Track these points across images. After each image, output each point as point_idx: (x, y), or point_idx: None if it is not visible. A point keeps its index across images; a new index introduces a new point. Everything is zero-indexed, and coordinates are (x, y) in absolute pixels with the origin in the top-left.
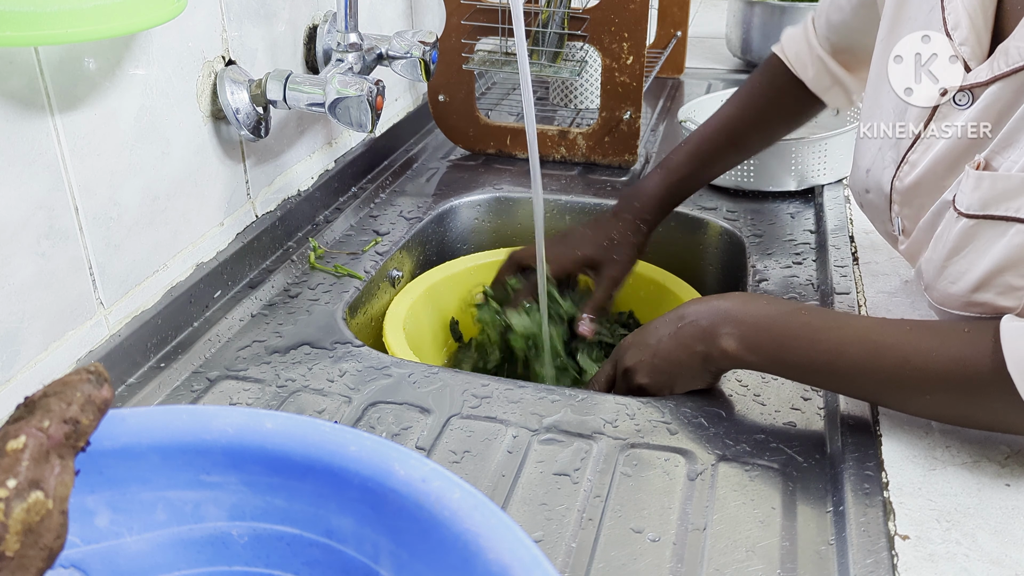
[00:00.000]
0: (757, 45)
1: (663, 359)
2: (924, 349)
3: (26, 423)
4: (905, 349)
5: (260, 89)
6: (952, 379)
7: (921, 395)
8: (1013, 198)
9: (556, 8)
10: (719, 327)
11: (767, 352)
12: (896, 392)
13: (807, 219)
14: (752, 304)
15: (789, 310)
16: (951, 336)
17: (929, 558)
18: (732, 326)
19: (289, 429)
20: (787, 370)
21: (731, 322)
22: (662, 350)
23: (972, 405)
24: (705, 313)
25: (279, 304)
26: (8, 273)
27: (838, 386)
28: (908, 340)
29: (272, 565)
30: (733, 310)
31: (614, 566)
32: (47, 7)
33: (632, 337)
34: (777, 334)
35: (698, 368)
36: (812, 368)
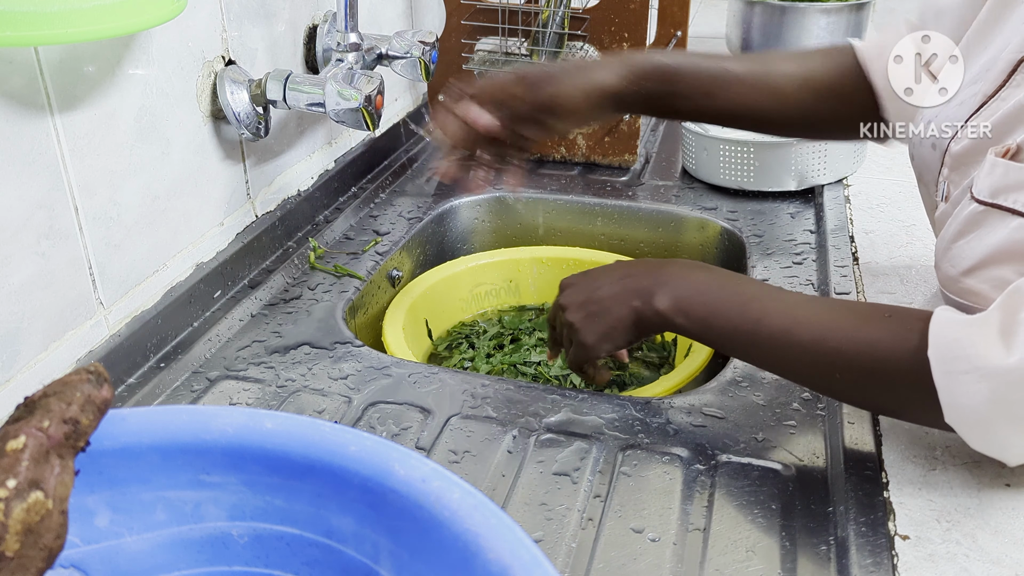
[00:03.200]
0: (757, 45)
1: (598, 305)
2: (842, 328)
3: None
4: (824, 325)
5: (260, 89)
6: (864, 361)
7: (832, 375)
8: (1021, 190)
9: (556, 8)
10: (657, 287)
11: (696, 316)
12: (809, 369)
13: (807, 219)
14: (695, 271)
15: (727, 280)
16: (872, 319)
17: (929, 558)
18: (669, 288)
19: (289, 429)
20: (714, 338)
21: (670, 284)
22: (599, 297)
23: (883, 391)
24: (647, 272)
25: (279, 304)
26: (8, 273)
27: (758, 358)
28: (829, 318)
29: (272, 565)
30: (675, 274)
31: (614, 566)
32: (47, 7)
33: (577, 277)
34: (709, 300)
35: (628, 323)
36: (735, 337)
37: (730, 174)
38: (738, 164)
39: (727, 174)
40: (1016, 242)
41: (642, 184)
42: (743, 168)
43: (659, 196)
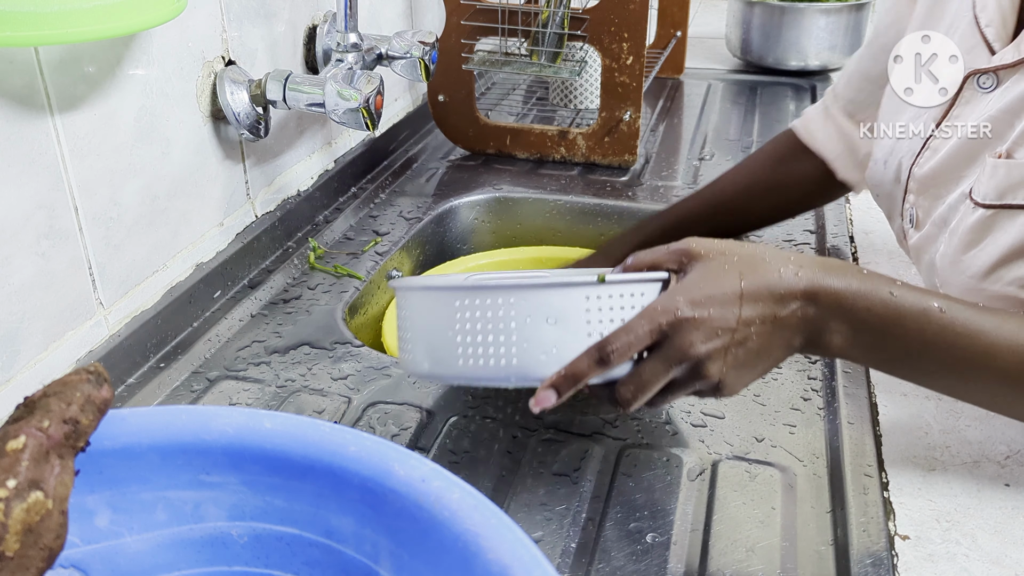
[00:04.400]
0: (757, 45)
1: (752, 352)
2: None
3: (26, 423)
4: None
5: (260, 89)
6: None
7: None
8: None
9: (556, 8)
10: (829, 320)
11: (887, 356)
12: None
13: (807, 219)
14: (871, 290)
15: (923, 308)
16: None
17: (929, 558)
18: (844, 320)
19: (289, 429)
20: (906, 376)
21: (845, 315)
22: (753, 340)
23: None
24: (812, 295)
25: (279, 304)
26: (8, 273)
27: (977, 400)
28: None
29: (272, 565)
30: (849, 298)
31: (614, 566)
32: (47, 7)
33: (698, 307)
34: (905, 339)
35: (780, 361)
36: (941, 377)
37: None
38: None
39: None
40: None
41: (642, 184)
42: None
43: (659, 196)
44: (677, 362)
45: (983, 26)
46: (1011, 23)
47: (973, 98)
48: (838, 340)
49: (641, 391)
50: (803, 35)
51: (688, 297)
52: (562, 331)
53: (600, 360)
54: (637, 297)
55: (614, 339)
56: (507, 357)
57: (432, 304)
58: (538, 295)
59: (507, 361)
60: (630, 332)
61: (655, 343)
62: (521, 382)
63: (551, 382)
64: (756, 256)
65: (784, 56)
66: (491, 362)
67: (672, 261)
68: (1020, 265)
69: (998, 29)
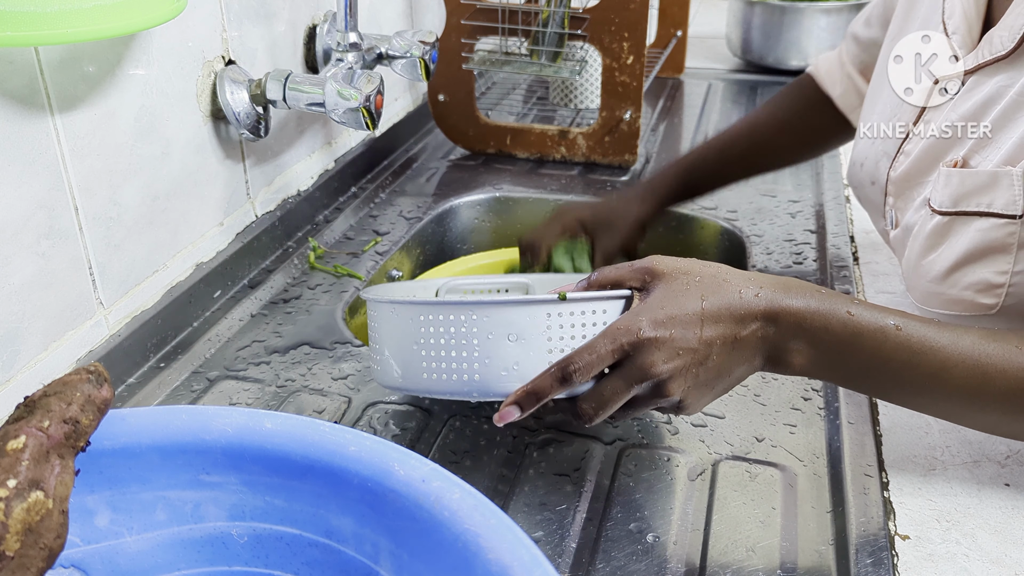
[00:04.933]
0: (757, 45)
1: (712, 372)
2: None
3: (26, 423)
4: (1017, 374)
5: (260, 89)
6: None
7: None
8: (983, 193)
9: (556, 8)
10: (789, 339)
11: (846, 374)
12: (1011, 419)
13: (807, 219)
14: (829, 310)
15: (879, 327)
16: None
17: (929, 558)
18: (805, 340)
19: (289, 429)
20: (869, 390)
21: (805, 334)
22: (713, 359)
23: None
24: (772, 315)
25: (279, 304)
26: (8, 273)
27: (938, 412)
28: (1020, 362)
29: (272, 565)
30: (808, 318)
31: (614, 566)
32: (47, 7)
33: (659, 327)
34: (863, 356)
35: (742, 379)
36: (901, 393)
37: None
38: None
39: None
40: (987, 241)
41: None
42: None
43: None
44: (638, 381)
45: (950, 32)
46: (976, 30)
47: (939, 104)
48: (798, 359)
49: (602, 408)
50: (803, 35)
51: (650, 317)
52: (524, 348)
53: (563, 379)
54: (599, 314)
55: (577, 358)
56: (470, 373)
57: (399, 319)
58: (499, 312)
59: (470, 376)
60: (592, 351)
61: (617, 362)
62: (484, 397)
63: (514, 399)
64: (718, 277)
65: (784, 56)
66: (454, 377)
67: (635, 279)
68: (975, 269)
69: (963, 36)
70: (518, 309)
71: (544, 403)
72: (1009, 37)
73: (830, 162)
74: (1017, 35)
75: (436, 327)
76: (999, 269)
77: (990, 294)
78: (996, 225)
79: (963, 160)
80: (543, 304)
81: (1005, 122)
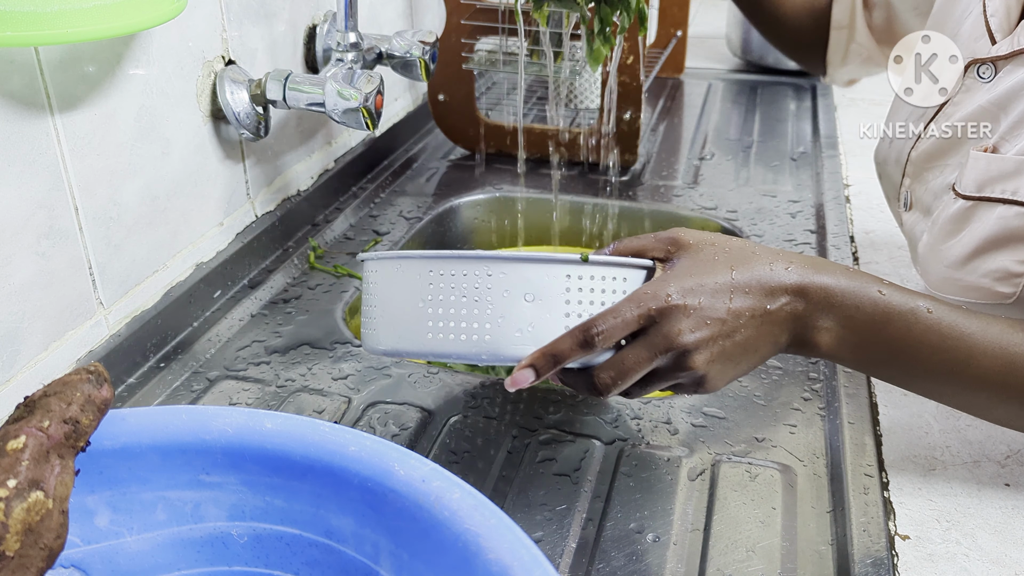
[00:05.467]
0: (757, 45)
1: (739, 346)
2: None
3: (26, 423)
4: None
5: (260, 89)
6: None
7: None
8: (1009, 180)
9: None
10: (818, 316)
11: (873, 356)
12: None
13: (807, 219)
14: (860, 288)
15: (910, 308)
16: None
17: (929, 558)
18: (835, 318)
19: (289, 429)
20: (888, 376)
21: (835, 312)
22: (741, 333)
23: None
24: (802, 290)
25: (279, 304)
26: (8, 273)
27: (959, 403)
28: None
29: (272, 565)
30: (839, 295)
31: (614, 566)
32: (47, 7)
33: (688, 295)
34: (891, 338)
35: (767, 358)
36: (925, 381)
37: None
38: None
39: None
40: (1009, 229)
41: (642, 184)
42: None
43: (659, 196)
44: (663, 350)
45: (989, 15)
46: (1015, 14)
47: (972, 87)
48: (826, 338)
49: (622, 378)
50: None
51: (679, 285)
52: (540, 309)
53: (584, 342)
54: (619, 282)
55: (600, 321)
56: (480, 333)
57: (404, 274)
58: (518, 269)
59: (479, 337)
60: (617, 315)
61: (641, 329)
62: (493, 360)
63: (530, 361)
64: (746, 249)
65: (784, 56)
66: (463, 337)
67: (659, 250)
68: (995, 257)
69: (1001, 20)
70: (538, 267)
71: (559, 368)
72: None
73: (830, 162)
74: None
75: (447, 282)
76: (1020, 258)
77: (1008, 283)
78: (1019, 214)
79: (993, 147)
80: (564, 264)
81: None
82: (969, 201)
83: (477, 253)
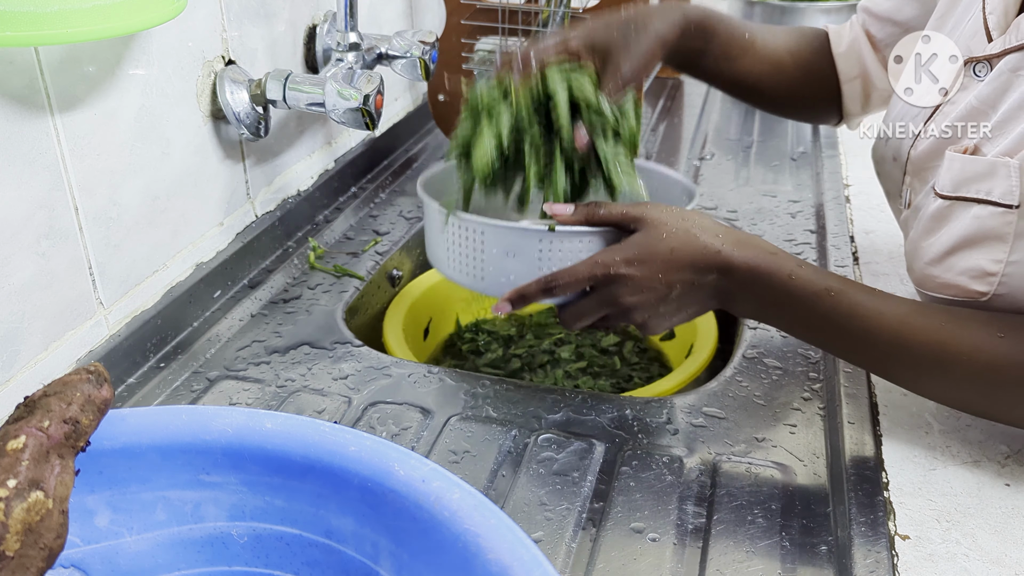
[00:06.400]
0: None
1: (671, 307)
2: (959, 342)
3: (26, 423)
4: (938, 336)
5: (260, 89)
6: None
7: (947, 383)
8: (983, 180)
9: (556, 8)
10: (737, 292)
11: (787, 325)
12: (925, 379)
13: (807, 219)
14: (774, 270)
15: (814, 291)
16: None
17: (929, 558)
18: (750, 294)
19: (289, 429)
20: (804, 337)
21: (751, 288)
22: (672, 298)
23: (993, 399)
24: (727, 269)
25: (279, 304)
26: (8, 273)
27: (864, 364)
28: (943, 330)
29: (272, 565)
30: (753, 274)
31: (614, 566)
32: (47, 7)
33: (630, 266)
34: (799, 314)
35: (699, 313)
36: (836, 350)
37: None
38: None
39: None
40: (984, 228)
41: None
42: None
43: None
44: (608, 305)
45: (987, 13)
46: (1012, 12)
47: (969, 85)
48: (744, 308)
49: (577, 320)
50: None
51: (624, 256)
52: (519, 263)
53: (546, 290)
54: (584, 243)
55: (560, 276)
56: (480, 274)
57: (433, 217)
58: (503, 233)
59: (477, 276)
60: (572, 275)
61: (593, 287)
62: (487, 292)
63: (507, 296)
64: (691, 231)
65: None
66: (467, 272)
67: (623, 221)
68: (970, 255)
69: (999, 18)
70: (517, 233)
71: (528, 304)
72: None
73: (830, 162)
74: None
75: (458, 235)
76: (994, 257)
77: (983, 281)
78: (994, 213)
79: (975, 147)
80: (536, 233)
81: (1018, 111)
82: (947, 200)
83: (479, 219)
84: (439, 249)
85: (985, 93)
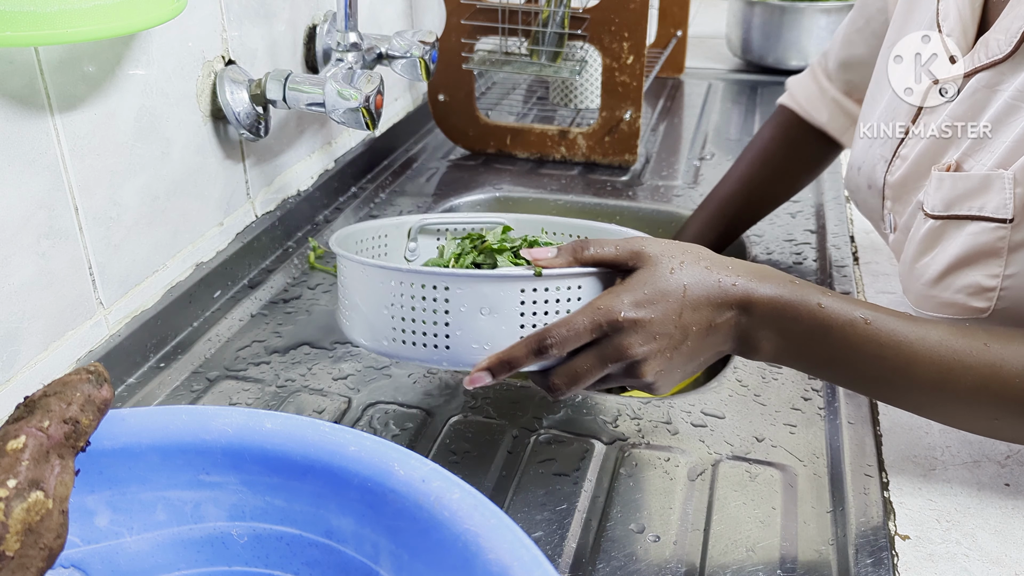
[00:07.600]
0: (757, 45)
1: (685, 355)
2: (1004, 371)
3: (26, 423)
4: (983, 371)
5: (260, 89)
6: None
7: (998, 418)
8: (975, 197)
9: (556, 7)
10: (759, 328)
11: (812, 363)
12: (974, 415)
13: (807, 219)
14: (800, 301)
15: (849, 319)
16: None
17: (929, 558)
18: (775, 330)
19: (289, 429)
20: (831, 380)
21: (775, 324)
22: (688, 344)
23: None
24: (747, 305)
25: (279, 304)
26: (8, 273)
27: (904, 405)
28: (987, 357)
29: (272, 565)
30: (780, 308)
31: (614, 566)
32: (47, 7)
33: (640, 309)
34: (830, 348)
35: (707, 363)
36: (870, 385)
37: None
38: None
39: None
40: (978, 245)
41: (642, 184)
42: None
43: (659, 196)
44: (613, 360)
45: (945, 35)
46: (971, 33)
47: (936, 107)
48: (766, 346)
49: (574, 383)
50: (803, 35)
51: (632, 299)
52: (496, 322)
53: (538, 351)
54: (575, 290)
55: (555, 331)
56: (440, 343)
57: (371, 280)
58: (473, 286)
59: (440, 346)
60: (571, 327)
61: (594, 340)
62: (453, 366)
63: (486, 364)
64: (700, 263)
65: (784, 56)
66: (424, 345)
67: (619, 260)
68: (967, 273)
69: (959, 38)
70: (492, 283)
71: (514, 372)
72: (1006, 40)
73: None
74: (1014, 38)
75: (408, 293)
76: (991, 273)
77: (982, 298)
78: (987, 229)
79: (956, 164)
80: (517, 280)
81: (1000, 126)
82: (939, 220)
83: (436, 270)
84: (375, 317)
85: (959, 111)
